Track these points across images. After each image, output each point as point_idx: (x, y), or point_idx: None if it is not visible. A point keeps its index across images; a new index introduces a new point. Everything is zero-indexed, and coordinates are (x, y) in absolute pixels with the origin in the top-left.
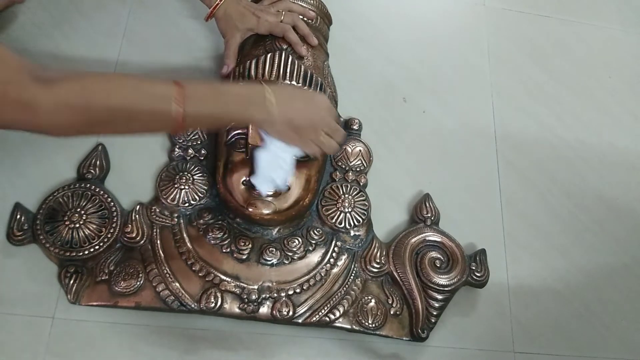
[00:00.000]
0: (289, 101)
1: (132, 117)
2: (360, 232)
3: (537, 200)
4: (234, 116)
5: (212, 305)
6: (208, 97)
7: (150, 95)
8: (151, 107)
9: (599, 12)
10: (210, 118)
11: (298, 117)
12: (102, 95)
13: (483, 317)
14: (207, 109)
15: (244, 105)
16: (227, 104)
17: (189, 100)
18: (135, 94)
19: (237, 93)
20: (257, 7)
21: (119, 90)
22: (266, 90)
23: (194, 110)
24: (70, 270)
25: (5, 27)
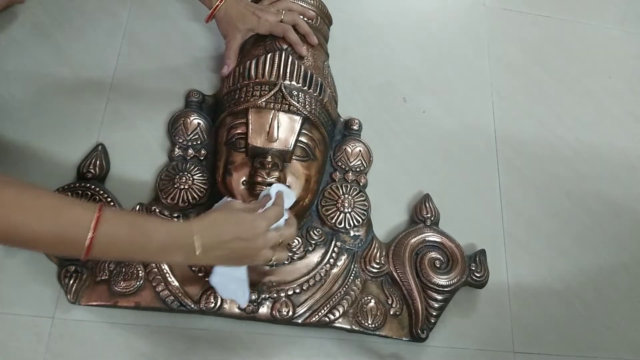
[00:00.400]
0: (218, 245)
1: (36, 242)
2: (360, 232)
3: (537, 200)
4: (153, 259)
5: (212, 306)
6: (126, 233)
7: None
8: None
9: (599, 12)
10: (125, 256)
11: (231, 255)
12: (9, 213)
13: (483, 317)
14: (123, 247)
15: (164, 253)
16: (145, 248)
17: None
18: (46, 222)
19: (159, 239)
20: (257, 7)
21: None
22: (194, 235)
23: (106, 243)
24: (70, 270)
25: (5, 27)
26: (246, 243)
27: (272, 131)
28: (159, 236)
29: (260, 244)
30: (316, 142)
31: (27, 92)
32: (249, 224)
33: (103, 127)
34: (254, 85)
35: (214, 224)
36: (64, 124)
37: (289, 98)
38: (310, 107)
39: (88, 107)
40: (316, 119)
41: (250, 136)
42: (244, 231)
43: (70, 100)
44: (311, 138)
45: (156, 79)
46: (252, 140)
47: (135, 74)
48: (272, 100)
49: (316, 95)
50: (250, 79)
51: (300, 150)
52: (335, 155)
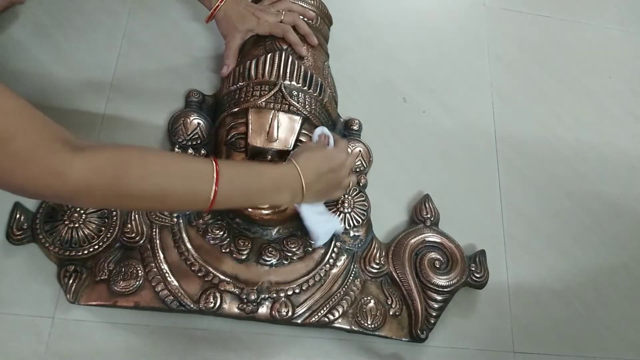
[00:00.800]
0: (317, 179)
1: (166, 197)
2: (360, 232)
3: (537, 200)
4: (266, 201)
5: (211, 306)
6: (242, 180)
7: (187, 176)
8: (186, 189)
9: (599, 12)
10: (242, 202)
11: (326, 187)
12: (138, 171)
13: (483, 317)
14: (240, 193)
15: (277, 192)
16: (261, 190)
17: (223, 182)
18: (172, 175)
19: (272, 178)
20: (257, 7)
21: (156, 168)
22: (300, 172)
23: (227, 192)
24: (69, 269)
25: (5, 27)
26: (336, 174)
27: (272, 131)
28: (272, 177)
29: (345, 172)
30: None
31: (27, 92)
32: (335, 157)
33: (103, 127)
34: (254, 85)
35: (309, 161)
36: (64, 124)
37: (289, 98)
38: (310, 107)
39: (88, 107)
40: (316, 119)
41: (250, 136)
42: (334, 163)
43: (70, 100)
44: (311, 138)
45: (156, 79)
46: (252, 140)
47: (135, 74)
48: (272, 100)
49: (316, 95)
50: (250, 79)
51: None
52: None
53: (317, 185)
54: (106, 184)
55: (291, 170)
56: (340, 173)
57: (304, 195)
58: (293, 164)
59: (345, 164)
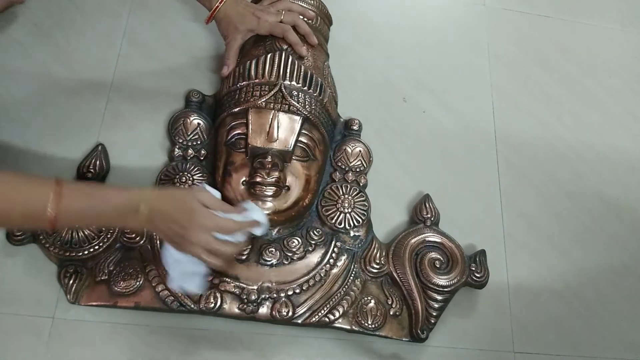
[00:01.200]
0: (160, 216)
1: (5, 220)
2: (360, 232)
3: (537, 200)
4: (111, 225)
5: (212, 306)
6: (83, 205)
7: (25, 201)
8: (25, 213)
9: (599, 12)
10: (86, 224)
11: (168, 233)
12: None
13: (483, 317)
14: (82, 216)
15: (120, 220)
16: (102, 215)
17: (62, 206)
18: (10, 200)
19: (113, 204)
20: (257, 7)
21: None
22: (141, 201)
23: (67, 215)
24: (69, 270)
25: (5, 27)
26: (181, 230)
27: (272, 131)
28: (115, 204)
29: (193, 238)
30: (316, 142)
31: (27, 92)
32: (192, 215)
33: (103, 127)
34: (254, 85)
35: (161, 199)
36: (64, 124)
37: (289, 98)
38: (310, 107)
39: (88, 107)
40: (316, 119)
41: (250, 136)
42: (183, 219)
43: (70, 100)
44: (311, 138)
45: (156, 79)
46: (252, 141)
47: (135, 74)
48: (272, 101)
49: (316, 95)
50: (250, 79)
51: (300, 150)
52: (335, 155)
53: (159, 225)
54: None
55: (134, 198)
56: (186, 234)
57: (146, 225)
58: (138, 194)
59: (198, 232)
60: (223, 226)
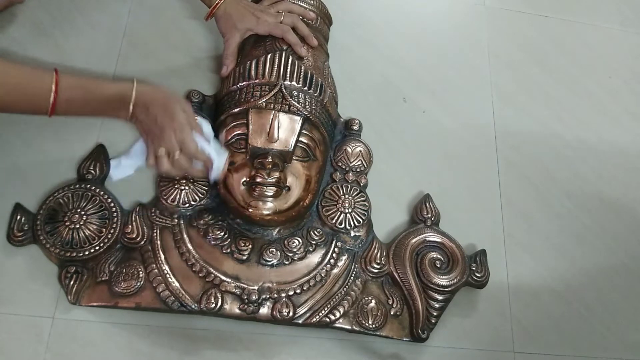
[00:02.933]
0: (144, 106)
1: (4, 103)
2: (361, 232)
3: (537, 200)
4: (104, 113)
5: (213, 306)
6: (81, 92)
7: (25, 85)
8: (25, 97)
9: (599, 12)
10: (81, 112)
11: (149, 124)
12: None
13: (483, 317)
14: (79, 103)
15: (111, 106)
16: (98, 102)
17: (62, 92)
18: (10, 83)
19: (107, 94)
20: (257, 7)
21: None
22: (133, 91)
23: (65, 101)
24: (70, 270)
25: (5, 27)
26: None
27: (272, 132)
28: (107, 92)
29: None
30: (316, 143)
31: None
32: (171, 119)
33: (103, 127)
34: (254, 85)
35: (153, 93)
36: (64, 124)
37: (289, 98)
38: (310, 107)
39: None
40: (316, 120)
41: (250, 137)
42: (163, 120)
43: None
44: (311, 138)
45: (156, 79)
46: (253, 141)
47: (135, 74)
48: (272, 101)
49: (316, 95)
50: (251, 80)
51: (301, 150)
52: (335, 155)
53: (142, 115)
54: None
55: (126, 89)
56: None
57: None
58: (131, 85)
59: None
60: (187, 145)
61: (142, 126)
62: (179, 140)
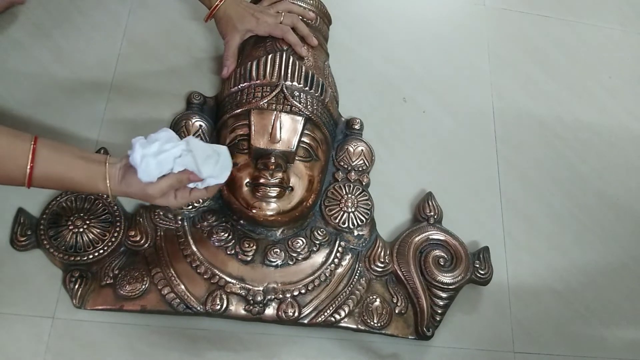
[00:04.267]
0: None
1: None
2: (364, 231)
3: (537, 200)
4: (82, 190)
5: (218, 308)
6: (57, 167)
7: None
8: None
9: (599, 12)
10: (58, 187)
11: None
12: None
13: (483, 317)
14: (55, 179)
15: (89, 186)
16: (73, 180)
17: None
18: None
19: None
20: (256, 8)
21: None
22: (106, 171)
23: (42, 175)
24: (74, 274)
25: (5, 27)
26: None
27: (274, 132)
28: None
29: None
30: (318, 143)
31: (27, 92)
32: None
33: (103, 127)
34: (256, 86)
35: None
36: (64, 124)
37: (291, 99)
38: (312, 107)
39: (88, 107)
40: (318, 119)
41: (252, 138)
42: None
43: (70, 100)
44: (313, 138)
45: (156, 79)
46: (255, 142)
47: (135, 74)
48: (273, 102)
49: (317, 95)
50: (252, 80)
51: (303, 150)
52: (337, 155)
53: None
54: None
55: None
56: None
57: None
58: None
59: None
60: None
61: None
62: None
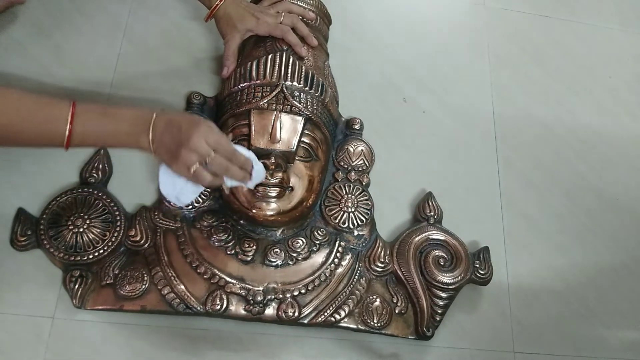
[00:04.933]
0: (172, 121)
1: (18, 135)
2: (364, 231)
3: (537, 200)
4: (123, 143)
5: (218, 308)
6: (98, 121)
7: (41, 116)
8: (40, 128)
9: (599, 12)
10: (99, 142)
11: (172, 140)
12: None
13: (483, 317)
14: (96, 133)
15: (133, 135)
16: (116, 131)
17: (79, 121)
18: (25, 115)
19: (127, 120)
20: (256, 8)
21: (7, 108)
22: (153, 118)
23: (82, 132)
24: (75, 274)
25: (5, 27)
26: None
27: (274, 132)
28: (127, 119)
29: (192, 145)
30: (318, 143)
31: None
32: (198, 125)
33: None
34: (256, 86)
35: (173, 114)
36: None
37: (291, 99)
38: (312, 107)
39: None
40: (318, 119)
41: (253, 138)
42: (189, 128)
43: None
44: (313, 138)
45: (156, 79)
46: (255, 142)
47: (136, 74)
48: (274, 102)
49: (317, 95)
50: (252, 81)
51: (303, 150)
52: (337, 155)
53: (166, 138)
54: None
55: (146, 115)
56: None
57: (150, 141)
58: (151, 112)
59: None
60: (222, 145)
61: (165, 149)
62: (212, 142)
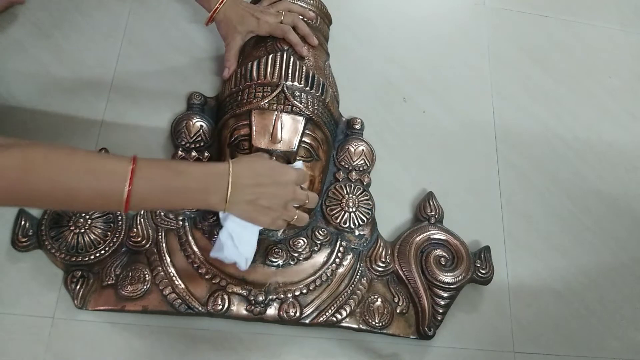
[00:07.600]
0: (253, 181)
1: (74, 198)
2: (365, 231)
3: (537, 200)
4: (192, 203)
5: (220, 308)
6: (163, 179)
7: (97, 177)
8: (96, 190)
9: (599, 12)
10: (164, 203)
11: (262, 199)
12: (43, 173)
13: (483, 317)
14: (160, 193)
15: (203, 192)
16: (184, 189)
17: (139, 181)
18: (80, 176)
19: (197, 177)
20: (256, 8)
21: (62, 169)
22: (230, 172)
23: (143, 192)
24: (76, 275)
25: (5, 27)
26: (278, 189)
27: (275, 132)
28: (198, 176)
29: (290, 193)
30: (319, 142)
31: (27, 92)
32: (283, 170)
33: (103, 127)
34: (256, 86)
35: (251, 165)
36: (64, 124)
37: (292, 99)
38: (312, 107)
39: (88, 107)
40: (319, 119)
41: (254, 138)
42: (278, 175)
43: (70, 100)
44: (314, 138)
45: (156, 79)
46: (256, 142)
47: (136, 74)
48: (274, 102)
49: (318, 95)
50: (252, 81)
51: (304, 150)
52: (338, 154)
53: (247, 195)
54: (9, 186)
55: (221, 170)
56: (284, 190)
57: (227, 200)
58: (227, 164)
59: (292, 185)
60: (302, 174)
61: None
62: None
